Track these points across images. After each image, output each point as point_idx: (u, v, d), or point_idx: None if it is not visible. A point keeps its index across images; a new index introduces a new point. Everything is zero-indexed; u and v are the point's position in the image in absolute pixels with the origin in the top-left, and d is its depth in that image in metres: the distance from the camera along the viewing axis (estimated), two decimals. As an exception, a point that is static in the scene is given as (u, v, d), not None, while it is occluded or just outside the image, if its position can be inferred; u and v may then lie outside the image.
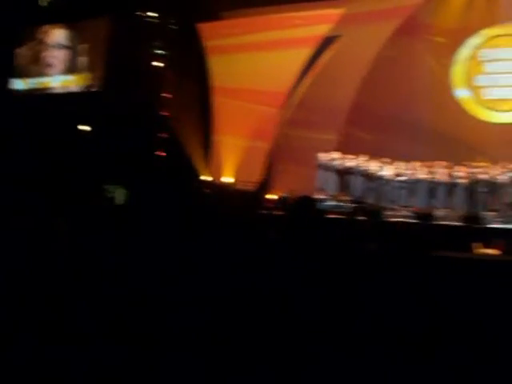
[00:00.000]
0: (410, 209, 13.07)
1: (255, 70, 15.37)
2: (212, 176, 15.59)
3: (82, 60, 17.41)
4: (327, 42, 15.82)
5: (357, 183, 13.54)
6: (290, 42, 15.31)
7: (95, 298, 3.41)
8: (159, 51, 15.84)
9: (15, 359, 2.94)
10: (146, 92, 15.02)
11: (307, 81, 15.85)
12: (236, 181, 15.21)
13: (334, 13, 15.48)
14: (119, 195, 11.29)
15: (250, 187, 14.34)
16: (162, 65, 15.87)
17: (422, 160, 13.87)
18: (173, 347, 2.99)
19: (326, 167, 13.91)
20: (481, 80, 16.10)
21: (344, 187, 13.77)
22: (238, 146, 15.56)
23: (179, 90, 15.49)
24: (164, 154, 15.65)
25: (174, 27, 15.96)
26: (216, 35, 15.77)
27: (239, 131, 15.55)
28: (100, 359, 2.89)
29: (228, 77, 15.52)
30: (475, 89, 16.08)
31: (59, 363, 2.86)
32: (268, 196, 14.60)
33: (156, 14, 16.00)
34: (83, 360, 2.86)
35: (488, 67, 16.13)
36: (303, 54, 15.51)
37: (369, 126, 15.86)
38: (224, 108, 15.57)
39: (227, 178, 15.39)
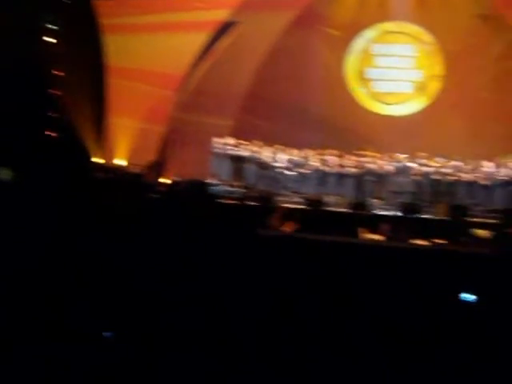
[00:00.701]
0: (302, 195, 13.35)
1: (152, 51, 15.06)
2: (105, 158, 15.20)
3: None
4: (226, 27, 15.79)
5: (250, 169, 13.65)
6: (189, 25, 15.13)
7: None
8: (50, 25, 15.11)
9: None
10: (35, 68, 14.31)
11: (204, 65, 15.76)
12: (129, 164, 14.91)
13: (234, -1, 15.51)
14: (5, 176, 10.79)
15: (143, 170, 14.10)
16: (53, 40, 15.16)
17: (314, 148, 14.19)
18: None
19: (220, 153, 13.92)
20: (372, 73, 16.67)
21: (237, 173, 13.84)
22: (133, 129, 15.24)
23: (72, 68, 14.92)
24: (55, 134, 15.06)
25: (67, 1, 15.28)
26: (113, 13, 15.29)
27: (134, 113, 15.22)
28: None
29: (124, 57, 15.11)
30: (366, 81, 16.63)
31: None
32: (161, 180, 14.44)
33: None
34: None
35: (379, 61, 16.72)
36: (201, 38, 15.39)
37: (264, 113, 16.02)
38: (119, 89, 15.16)
39: (120, 161, 15.06)
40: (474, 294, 3.52)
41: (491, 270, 3.70)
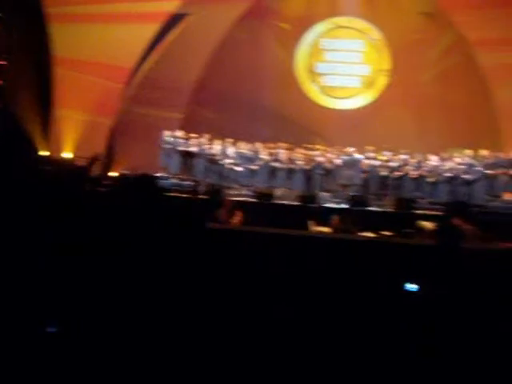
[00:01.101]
0: (251, 188, 13.37)
1: (100, 42, 14.74)
2: (51, 151, 14.86)
3: None
4: (176, 19, 15.65)
5: (199, 162, 13.57)
6: (138, 16, 14.89)
7: None
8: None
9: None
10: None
11: (153, 57, 15.59)
12: (76, 157, 14.61)
13: (184, -11, 15.36)
14: None
15: (90, 164, 13.83)
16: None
17: (264, 141, 14.23)
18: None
19: (170, 146, 13.79)
20: (321, 67, 16.83)
21: (186, 166, 13.75)
22: (80, 121, 14.93)
23: (16, 58, 14.51)
24: (-2, 125, 14.62)
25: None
26: (59, 2, 14.93)
27: (81, 105, 14.89)
28: None
29: (71, 47, 14.73)
30: (316, 75, 16.79)
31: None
32: (110, 173, 14.23)
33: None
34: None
35: (328, 56, 16.90)
36: (151, 29, 15.19)
37: (213, 106, 16.00)
38: (66, 80, 14.82)
39: (67, 154, 14.75)
40: (419, 284, 3.60)
41: (435, 261, 3.78)
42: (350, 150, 13.47)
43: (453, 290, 3.44)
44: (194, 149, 13.73)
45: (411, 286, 3.60)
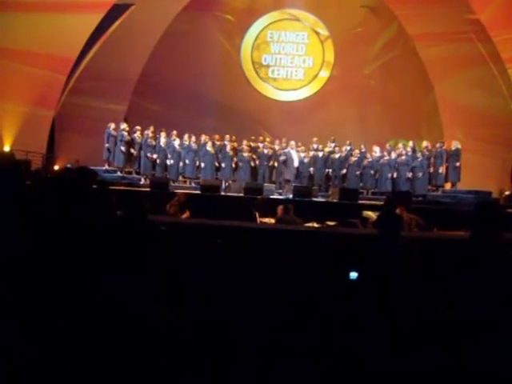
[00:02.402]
0: (197, 181, 13.32)
1: (41, 32, 14.30)
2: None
3: None
4: (119, 9, 15.38)
5: (144, 155, 13.42)
6: (81, 6, 14.52)
7: None
8: None
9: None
10: None
11: (96, 48, 15.30)
12: (15, 150, 14.21)
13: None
14: None
15: (30, 157, 13.49)
16: None
17: (209, 133, 14.17)
18: None
19: (113, 138, 13.58)
20: (266, 59, 16.89)
21: (131, 159, 13.58)
22: (20, 113, 14.53)
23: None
24: None
25: None
26: (-4, -10, 14.48)
27: (21, 97, 14.48)
28: None
29: (10, 37, 14.30)
30: (261, 67, 16.84)
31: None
32: (52, 166, 13.93)
33: None
34: None
35: (273, 48, 16.96)
36: (93, 19, 14.83)
37: (158, 97, 15.85)
38: (5, 71, 14.40)
39: (6, 147, 14.34)
40: (364, 272, 3.65)
41: (379, 249, 3.84)
42: (295, 141, 13.55)
43: (392, 276, 3.51)
44: (138, 141, 13.56)
45: (353, 274, 3.65)
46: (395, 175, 13.01)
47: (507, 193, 13.25)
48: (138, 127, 13.73)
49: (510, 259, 3.18)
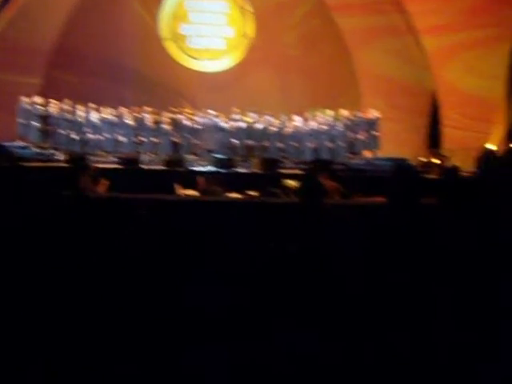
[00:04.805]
0: (116, 154, 13.06)
1: None
2: None
3: None
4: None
5: (61, 129, 12.99)
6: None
7: None
8: None
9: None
10: None
11: (7, 17, 14.54)
12: None
13: None
14: None
15: None
16: None
17: (128, 105, 13.86)
18: None
19: (28, 113, 13.06)
20: (185, 29, 16.59)
21: (47, 134, 13.12)
22: None
23: None
24: None
25: None
26: None
27: None
28: None
29: None
30: (180, 37, 16.52)
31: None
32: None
33: None
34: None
35: (192, 17, 16.67)
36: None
37: (74, 69, 15.27)
38: None
39: None
40: (286, 242, 3.66)
41: (301, 219, 3.85)
42: (215, 112, 13.45)
43: (315, 244, 3.53)
44: (54, 115, 13.10)
45: (279, 245, 3.66)
46: (316, 144, 13.20)
47: (423, 159, 13.69)
48: (54, 100, 13.24)
49: (427, 222, 3.25)
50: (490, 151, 12.74)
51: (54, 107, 13.16)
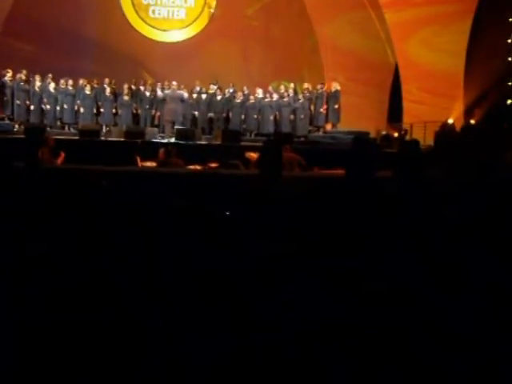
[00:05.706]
0: (75, 126, 12.84)
1: None
2: None
3: None
4: None
5: (16, 100, 12.65)
6: None
7: None
8: None
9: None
10: None
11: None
12: None
13: None
14: None
15: None
16: None
17: (87, 76, 13.56)
18: None
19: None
20: (146, -2, 16.28)
21: (2, 105, 12.76)
22: None
23: None
24: None
25: None
26: None
27: None
28: None
29: None
30: (141, 6, 16.19)
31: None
32: None
33: None
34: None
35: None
36: None
37: (30, 37, 14.83)
38: None
39: None
40: (243, 211, 3.66)
41: (261, 190, 3.85)
42: (176, 83, 13.28)
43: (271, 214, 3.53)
44: (9, 85, 12.74)
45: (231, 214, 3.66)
46: (277, 116, 13.22)
47: (383, 133, 13.82)
48: (9, 70, 12.86)
49: (385, 194, 3.28)
50: (449, 126, 12.94)
51: (9, 77, 12.79)
